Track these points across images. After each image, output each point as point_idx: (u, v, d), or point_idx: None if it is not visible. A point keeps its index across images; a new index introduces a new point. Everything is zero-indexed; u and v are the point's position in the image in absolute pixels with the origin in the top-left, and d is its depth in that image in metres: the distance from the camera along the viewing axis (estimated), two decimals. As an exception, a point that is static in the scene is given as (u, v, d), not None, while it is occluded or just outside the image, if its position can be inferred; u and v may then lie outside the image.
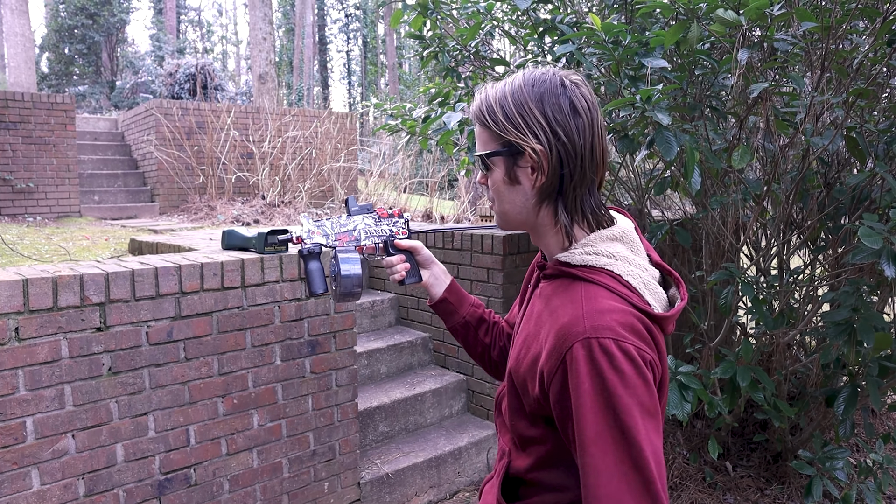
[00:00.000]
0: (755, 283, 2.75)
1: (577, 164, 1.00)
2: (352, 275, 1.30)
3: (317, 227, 1.34)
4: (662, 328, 1.00)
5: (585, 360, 0.90)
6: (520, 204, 1.06)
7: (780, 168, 2.67)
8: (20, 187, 6.95)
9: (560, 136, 0.99)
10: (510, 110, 1.01)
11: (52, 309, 1.97)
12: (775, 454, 3.37)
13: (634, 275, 1.01)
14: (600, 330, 0.91)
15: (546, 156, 0.99)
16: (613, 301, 0.96)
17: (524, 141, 0.99)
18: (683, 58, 2.63)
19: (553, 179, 1.01)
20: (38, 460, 1.99)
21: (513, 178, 1.04)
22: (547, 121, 0.99)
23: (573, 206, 1.03)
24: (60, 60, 20.45)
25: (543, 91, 1.00)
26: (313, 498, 2.69)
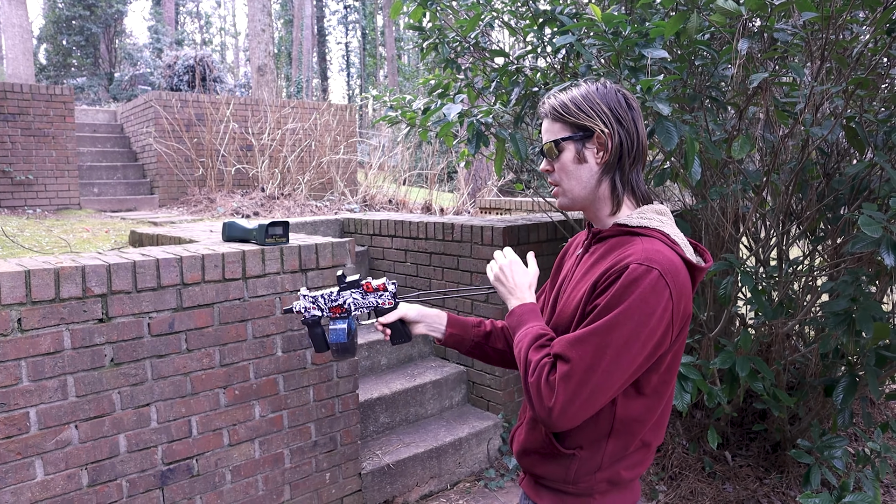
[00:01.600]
0: (755, 274, 2.76)
1: (632, 146, 1.28)
2: (336, 342, 1.58)
3: (312, 304, 1.61)
4: (695, 278, 1.25)
5: (632, 276, 1.15)
6: (585, 179, 1.31)
7: (779, 158, 2.67)
8: (19, 179, 6.95)
9: (621, 122, 1.27)
10: (581, 103, 1.29)
11: (54, 300, 1.98)
12: (774, 443, 3.39)
13: (679, 236, 1.27)
14: (652, 261, 1.16)
15: (610, 137, 1.26)
16: (666, 249, 1.21)
17: (594, 124, 1.27)
18: (683, 48, 2.62)
19: (614, 158, 1.28)
20: (42, 450, 2.01)
21: (581, 158, 1.30)
22: (610, 110, 1.27)
23: (626, 180, 1.30)
24: (58, 52, 20.38)
25: (605, 91, 1.29)
26: (315, 488, 2.71)
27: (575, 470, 1.29)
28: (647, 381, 1.24)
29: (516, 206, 6.52)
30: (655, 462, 3.34)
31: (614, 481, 1.30)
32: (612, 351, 1.15)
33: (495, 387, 3.58)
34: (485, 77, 3.42)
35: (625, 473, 1.30)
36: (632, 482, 1.34)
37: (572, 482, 1.31)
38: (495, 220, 3.81)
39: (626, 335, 1.14)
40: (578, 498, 1.31)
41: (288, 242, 2.58)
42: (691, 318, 1.54)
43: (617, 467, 1.29)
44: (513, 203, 6.59)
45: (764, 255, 3.21)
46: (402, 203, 7.84)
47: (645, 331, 1.15)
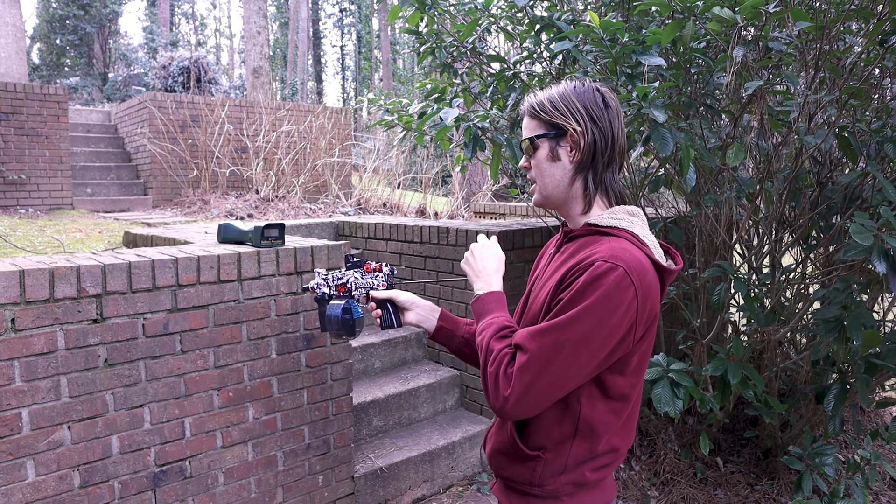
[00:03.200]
0: (747, 281, 2.78)
1: (606, 146, 1.28)
2: (330, 316, 1.67)
3: (323, 280, 1.70)
4: (664, 280, 1.25)
5: (596, 273, 1.15)
6: (558, 177, 1.32)
7: (773, 166, 2.69)
8: (12, 179, 6.91)
9: (595, 122, 1.27)
10: (557, 101, 1.30)
11: (48, 300, 1.97)
12: (765, 450, 3.41)
13: (649, 237, 1.26)
14: (617, 259, 1.16)
15: (583, 135, 1.27)
16: (634, 249, 1.21)
17: (567, 123, 1.28)
18: (679, 56, 2.65)
19: (587, 157, 1.28)
20: (34, 451, 1.99)
21: (555, 156, 1.31)
22: (585, 109, 1.27)
23: (600, 180, 1.30)
24: (52, 51, 20.28)
25: (583, 90, 1.30)
26: (307, 491, 2.70)
27: (540, 472, 1.29)
28: (613, 384, 1.24)
29: (511, 210, 6.54)
30: (647, 468, 3.36)
31: (580, 483, 1.30)
32: (572, 345, 1.15)
33: (489, 391, 3.58)
34: (481, 82, 3.43)
35: (591, 475, 1.30)
36: (601, 482, 1.33)
37: (538, 484, 1.30)
38: (490, 224, 3.82)
39: (587, 330, 1.15)
40: (544, 500, 1.31)
41: (283, 245, 2.58)
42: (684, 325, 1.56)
43: (582, 469, 1.29)
44: (507, 208, 6.61)
45: (757, 263, 3.23)
46: (396, 207, 7.84)
47: (606, 327, 1.15)
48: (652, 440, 3.50)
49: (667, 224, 3.06)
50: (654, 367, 2.49)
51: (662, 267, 1.23)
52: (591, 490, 1.32)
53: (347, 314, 1.64)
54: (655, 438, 3.47)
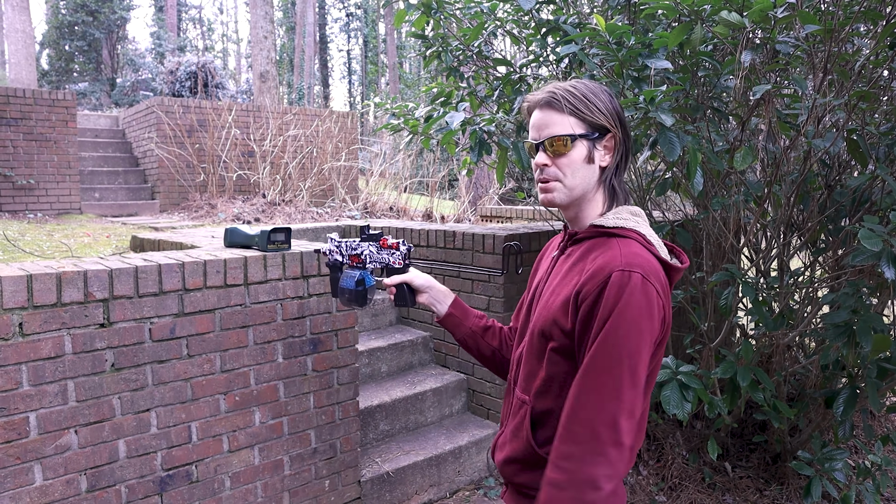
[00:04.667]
0: (755, 285, 2.76)
1: (627, 149, 1.28)
2: (343, 287, 1.67)
3: (336, 247, 1.71)
4: (671, 278, 1.24)
5: (617, 283, 1.13)
6: (588, 179, 1.27)
7: (781, 170, 2.68)
8: (21, 184, 6.95)
9: (623, 125, 1.27)
10: (596, 101, 1.25)
11: (55, 305, 1.98)
12: (774, 455, 3.38)
13: (654, 237, 1.26)
14: (633, 266, 1.15)
15: (619, 140, 1.26)
16: (643, 250, 1.20)
17: (610, 125, 1.25)
18: (686, 59, 2.64)
19: (616, 160, 1.28)
20: (41, 455, 2.00)
21: (591, 158, 1.26)
22: (618, 112, 1.26)
23: (616, 184, 1.29)
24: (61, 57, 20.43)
25: (607, 91, 1.27)
26: (314, 496, 2.70)
27: None
28: None
29: (517, 214, 6.53)
30: (655, 472, 3.34)
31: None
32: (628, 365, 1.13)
33: (495, 395, 3.57)
34: (488, 86, 3.43)
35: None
36: None
37: None
38: (496, 228, 3.81)
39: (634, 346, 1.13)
40: None
41: (290, 249, 2.58)
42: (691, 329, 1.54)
43: None
44: (514, 211, 6.60)
45: (765, 266, 3.21)
46: (403, 210, 7.85)
47: (647, 334, 1.14)
48: (660, 445, 3.48)
49: (674, 227, 3.05)
50: (663, 368, 2.48)
51: (669, 265, 1.23)
52: None
53: (361, 286, 1.65)
54: (663, 443, 3.45)
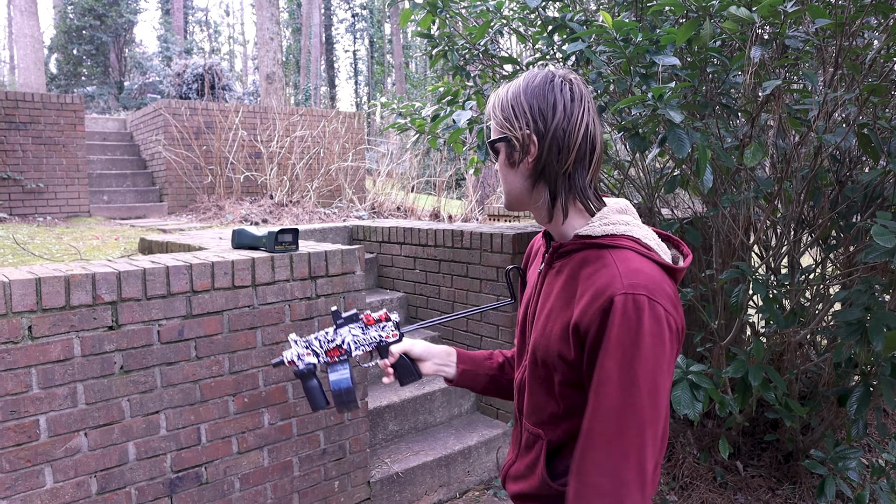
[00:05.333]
0: (766, 282, 2.73)
1: (562, 147, 1.14)
2: (340, 389, 1.39)
3: (306, 349, 1.41)
4: (675, 279, 1.14)
5: (622, 311, 1.02)
6: (518, 184, 1.20)
7: (791, 166, 2.65)
8: (30, 187, 6.99)
9: (544, 124, 1.14)
10: (507, 105, 1.18)
11: (64, 308, 1.98)
12: (786, 454, 3.35)
13: (649, 237, 1.15)
14: (637, 287, 1.04)
15: (532, 140, 1.15)
16: (643, 261, 1.09)
17: (513, 129, 1.16)
18: (695, 55, 2.62)
19: (541, 160, 1.15)
20: (51, 458, 2.00)
21: (511, 162, 1.19)
22: (532, 112, 1.15)
23: (564, 184, 1.16)
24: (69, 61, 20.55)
25: (533, 87, 1.16)
26: (323, 497, 2.69)
27: None
28: None
29: (525, 213, 6.51)
30: (666, 472, 3.31)
31: None
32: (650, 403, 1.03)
33: (504, 395, 3.55)
34: (494, 84, 3.41)
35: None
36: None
37: None
38: (504, 227, 3.80)
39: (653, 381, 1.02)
40: None
41: (297, 250, 2.57)
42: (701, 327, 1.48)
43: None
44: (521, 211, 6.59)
45: (775, 264, 3.18)
46: (410, 210, 7.84)
47: (664, 362, 1.03)
48: (670, 444, 3.45)
49: (683, 225, 3.03)
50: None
51: (672, 268, 1.12)
52: None
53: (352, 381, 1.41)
54: (674, 442, 3.43)
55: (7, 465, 1.93)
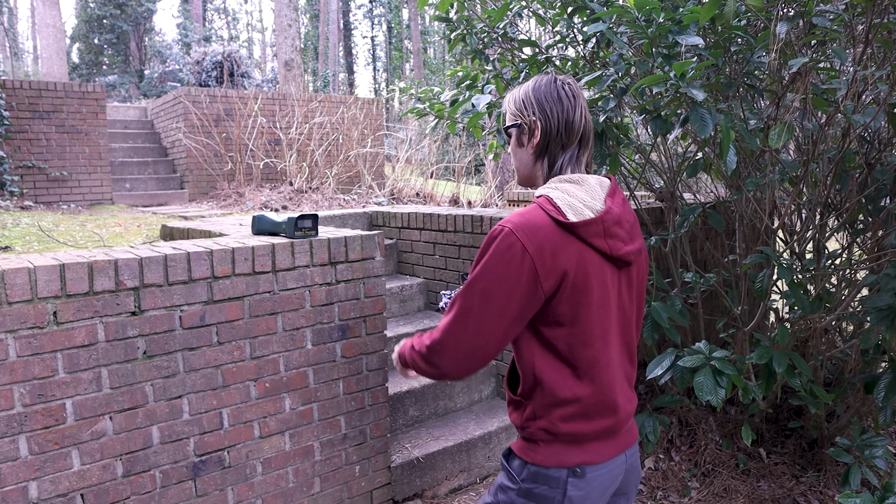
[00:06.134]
0: (791, 267, 2.69)
1: (558, 132, 1.51)
2: None
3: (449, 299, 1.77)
4: (579, 233, 1.40)
5: (488, 234, 1.42)
6: (525, 160, 1.58)
7: (818, 148, 2.59)
8: (54, 175, 7.09)
9: (547, 114, 1.51)
10: (519, 99, 1.56)
11: (88, 293, 2.00)
12: (811, 441, 3.31)
13: (563, 199, 1.43)
14: (508, 221, 1.40)
15: (537, 126, 1.52)
16: (535, 210, 1.42)
17: (525, 116, 1.54)
18: (718, 35, 2.56)
19: (542, 142, 1.53)
20: (78, 441, 2.04)
21: (520, 143, 1.57)
22: (539, 104, 1.52)
23: (554, 161, 1.54)
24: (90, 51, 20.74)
25: (540, 85, 1.54)
26: (345, 481, 2.71)
27: (524, 416, 1.51)
28: (551, 335, 1.44)
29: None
30: (687, 458, 3.29)
31: (552, 432, 1.46)
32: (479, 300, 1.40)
33: (524, 381, 3.55)
34: (513, 68, 3.38)
35: (562, 426, 1.45)
36: (580, 439, 1.47)
37: (521, 427, 1.52)
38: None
39: (488, 285, 1.39)
40: (528, 443, 1.51)
41: (317, 235, 2.58)
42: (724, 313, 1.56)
43: (551, 417, 1.46)
44: (540, 196, 6.54)
45: (800, 248, 3.13)
46: (429, 196, 7.83)
47: (505, 281, 1.38)
48: (692, 430, 3.43)
49: (706, 209, 2.98)
50: (695, 354, 2.43)
51: (567, 223, 1.39)
52: (568, 444, 1.47)
53: None
54: (696, 429, 3.40)
55: (36, 447, 1.96)
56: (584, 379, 1.45)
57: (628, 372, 1.58)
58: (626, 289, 1.54)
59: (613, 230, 1.45)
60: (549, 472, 1.47)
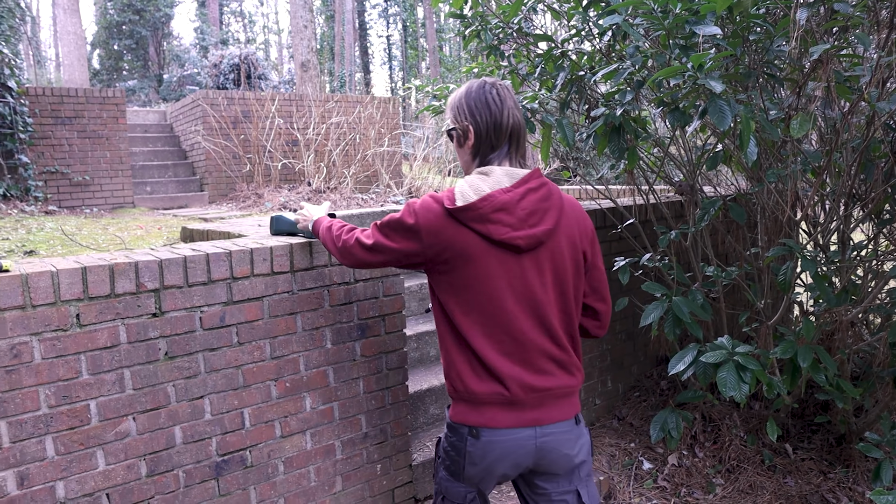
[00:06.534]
0: (815, 259, 2.64)
1: (489, 134, 1.73)
2: None
3: None
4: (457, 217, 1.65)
5: (405, 204, 1.75)
6: (464, 158, 1.81)
7: (841, 137, 2.54)
8: (77, 180, 7.19)
9: (477, 119, 1.73)
10: (454, 105, 1.78)
11: (109, 296, 2.02)
12: (838, 436, 3.26)
13: (462, 187, 1.67)
14: (415, 201, 1.72)
15: (469, 130, 1.74)
16: (436, 196, 1.70)
17: (459, 121, 1.77)
18: (737, 24, 2.52)
19: (476, 144, 1.75)
20: (102, 441, 2.06)
21: (459, 144, 1.79)
22: (470, 110, 1.74)
23: (484, 159, 1.75)
24: (110, 56, 21.02)
25: (470, 92, 1.75)
26: (366, 479, 2.72)
27: (444, 373, 1.78)
28: (446, 301, 1.71)
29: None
30: (711, 454, 3.25)
31: (455, 388, 1.74)
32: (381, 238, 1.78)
33: (544, 378, 3.53)
34: (529, 63, 3.35)
35: (458, 384, 1.72)
36: (478, 403, 1.70)
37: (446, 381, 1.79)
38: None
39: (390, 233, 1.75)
40: (450, 400, 1.90)
41: (334, 235, 2.57)
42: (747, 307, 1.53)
43: (451, 376, 1.74)
44: (558, 191, 6.49)
45: (824, 240, 3.07)
46: (446, 194, 7.80)
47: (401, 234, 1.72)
48: (716, 426, 3.39)
49: (726, 202, 2.94)
50: (718, 349, 2.40)
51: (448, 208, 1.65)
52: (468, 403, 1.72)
53: None
54: (719, 424, 3.36)
55: (62, 447, 1.99)
56: (472, 344, 1.68)
57: (548, 350, 1.70)
58: (534, 272, 1.68)
59: (494, 216, 1.63)
60: (457, 427, 1.76)
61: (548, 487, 1.77)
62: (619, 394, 3.88)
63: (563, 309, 1.74)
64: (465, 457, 1.73)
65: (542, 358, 1.70)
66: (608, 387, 3.79)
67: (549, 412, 1.70)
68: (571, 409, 1.75)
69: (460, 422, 1.74)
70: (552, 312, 1.70)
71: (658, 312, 2.65)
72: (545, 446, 1.70)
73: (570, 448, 1.74)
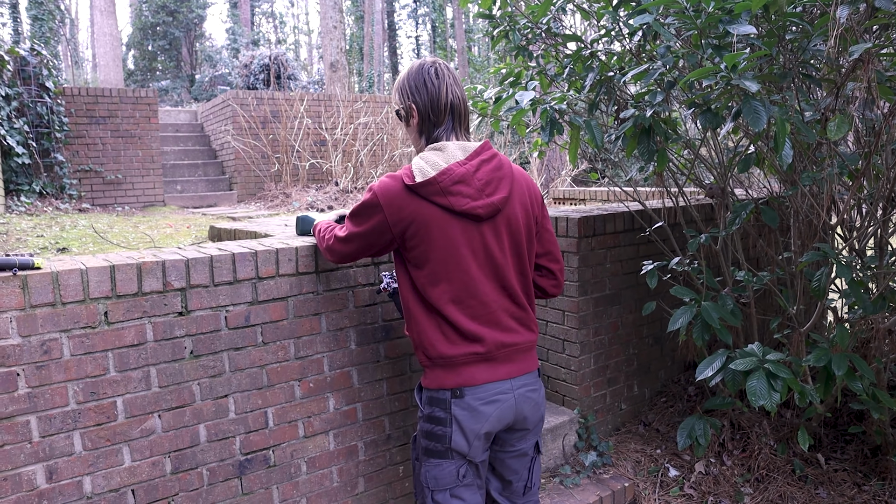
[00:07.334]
0: (851, 265, 2.56)
1: (428, 112, 1.84)
2: None
3: (391, 279, 2.31)
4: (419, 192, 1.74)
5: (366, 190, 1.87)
6: (413, 136, 1.92)
7: (881, 139, 2.46)
8: (110, 178, 7.32)
9: (417, 99, 1.84)
10: (398, 87, 1.90)
11: (136, 294, 2.05)
12: (874, 447, 3.16)
13: (418, 164, 1.76)
14: (374, 184, 1.81)
15: (413, 109, 1.85)
16: (395, 176, 1.79)
17: (402, 103, 1.88)
18: (772, 23, 2.45)
19: (420, 122, 1.86)
20: (129, 438, 2.08)
21: (407, 123, 1.90)
22: (409, 88, 1.85)
23: (430, 136, 1.86)
24: (144, 57, 21.40)
25: (411, 71, 1.86)
26: (388, 481, 2.71)
27: (413, 347, 1.91)
28: (416, 275, 1.81)
29: (591, 196, 6.36)
30: (740, 463, 3.18)
31: (429, 356, 1.84)
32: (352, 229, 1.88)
33: (571, 381, 3.49)
34: (557, 64, 3.32)
35: (431, 350, 1.82)
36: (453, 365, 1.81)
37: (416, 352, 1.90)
38: (570, 210, 3.71)
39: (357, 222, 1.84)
40: (423, 373, 1.90)
41: (359, 236, 2.57)
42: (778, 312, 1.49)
43: (423, 345, 1.84)
44: (587, 193, 6.44)
45: (860, 245, 2.98)
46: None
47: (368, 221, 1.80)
48: (745, 434, 3.31)
49: (758, 205, 2.87)
50: (748, 356, 2.34)
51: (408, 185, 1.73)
52: (444, 368, 1.82)
53: None
54: (749, 432, 3.29)
55: (89, 443, 2.02)
56: (443, 311, 1.79)
57: (510, 309, 1.86)
58: (492, 238, 1.80)
59: (454, 188, 1.73)
60: (437, 395, 1.83)
61: (519, 445, 1.94)
62: (645, 399, 3.82)
63: (520, 271, 1.88)
64: (451, 423, 1.81)
65: (506, 317, 1.84)
66: (634, 392, 3.74)
67: (519, 365, 1.86)
68: (534, 363, 1.93)
69: (439, 386, 1.83)
70: (511, 275, 1.84)
71: (687, 317, 2.60)
72: (521, 398, 1.86)
73: (539, 397, 1.92)
